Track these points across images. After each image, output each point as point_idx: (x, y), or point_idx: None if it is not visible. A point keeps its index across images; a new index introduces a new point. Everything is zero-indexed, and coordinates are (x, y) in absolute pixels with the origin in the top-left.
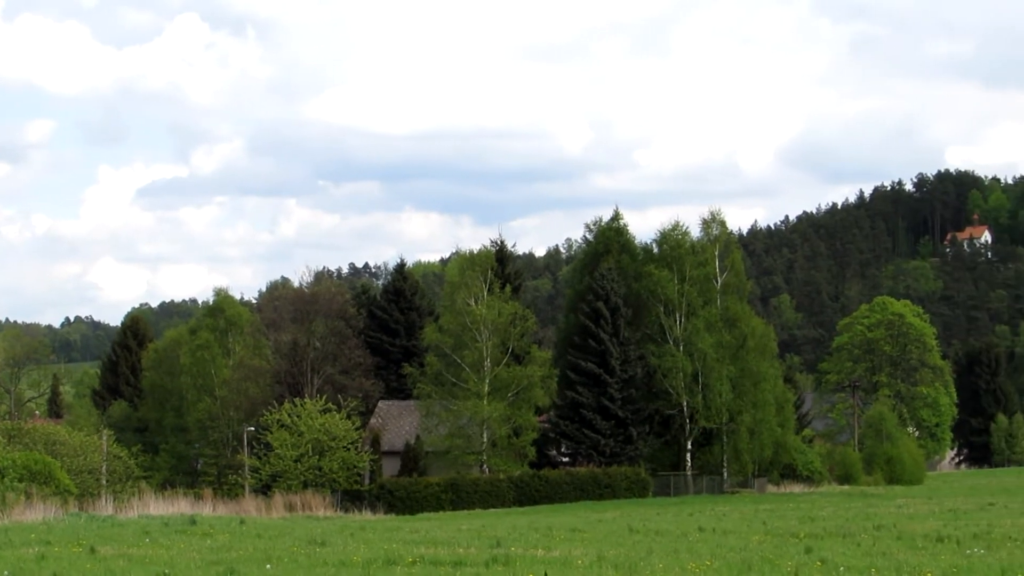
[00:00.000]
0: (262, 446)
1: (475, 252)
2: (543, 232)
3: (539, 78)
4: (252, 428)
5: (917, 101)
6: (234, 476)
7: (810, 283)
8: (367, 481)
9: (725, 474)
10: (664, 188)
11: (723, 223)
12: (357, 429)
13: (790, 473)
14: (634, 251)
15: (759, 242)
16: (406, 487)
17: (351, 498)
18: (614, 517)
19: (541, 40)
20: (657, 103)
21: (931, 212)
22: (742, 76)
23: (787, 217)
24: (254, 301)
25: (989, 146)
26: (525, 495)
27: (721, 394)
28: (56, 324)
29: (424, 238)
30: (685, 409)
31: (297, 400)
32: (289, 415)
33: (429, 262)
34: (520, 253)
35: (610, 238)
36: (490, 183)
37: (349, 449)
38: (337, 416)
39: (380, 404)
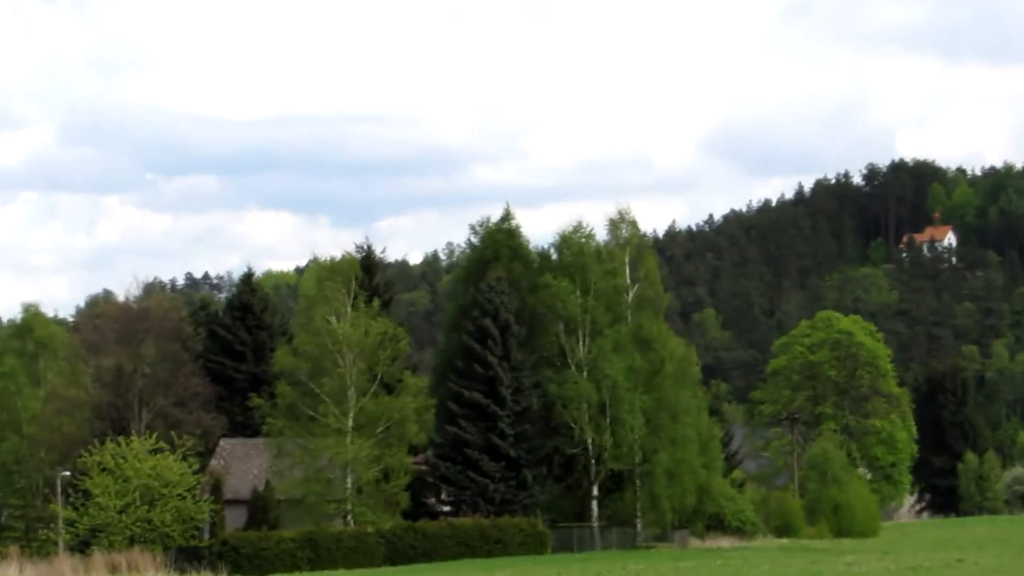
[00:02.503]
0: (80, 494)
1: (336, 259)
2: (418, 235)
3: (411, 53)
4: (68, 473)
5: (863, 79)
6: (45, 531)
7: (740, 295)
8: (207, 536)
9: (639, 525)
10: (562, 182)
11: (634, 223)
12: (195, 473)
13: (717, 524)
14: (528, 257)
15: (678, 246)
16: (254, 543)
17: (188, 556)
18: None
19: (413, 7)
20: (552, 82)
21: (884, 210)
22: (654, 50)
23: (711, 216)
24: (70, 319)
25: (951, 132)
26: (398, 551)
27: (633, 429)
28: None
29: (274, 243)
30: (590, 448)
31: (122, 439)
32: (113, 457)
33: (282, 271)
34: (391, 260)
35: (499, 242)
36: (353, 176)
37: (185, 497)
38: (171, 457)
39: (222, 443)
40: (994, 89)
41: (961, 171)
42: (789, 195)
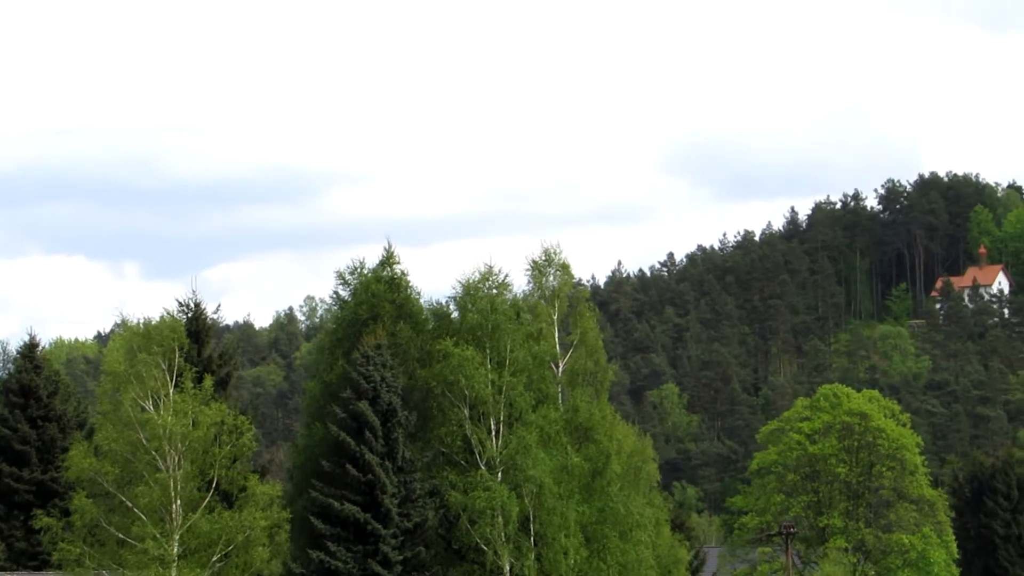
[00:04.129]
0: None
1: (152, 323)
2: (265, 287)
3: (246, 38)
4: None
5: (877, 62)
6: None
7: (711, 364)
8: None
9: None
10: (462, 212)
11: (566, 267)
12: None
13: None
14: (419, 317)
15: (626, 298)
16: None
17: None
18: None
19: None
20: (445, 76)
21: (909, 245)
22: (587, 29)
23: (671, 256)
24: None
25: (998, 135)
26: None
27: (568, 552)
28: None
29: (65, 300)
30: None
31: None
32: None
33: (77, 340)
34: (229, 323)
35: (378, 295)
36: (170, 206)
37: None
38: None
39: None
40: None
41: (1015, 188)
42: (778, 225)
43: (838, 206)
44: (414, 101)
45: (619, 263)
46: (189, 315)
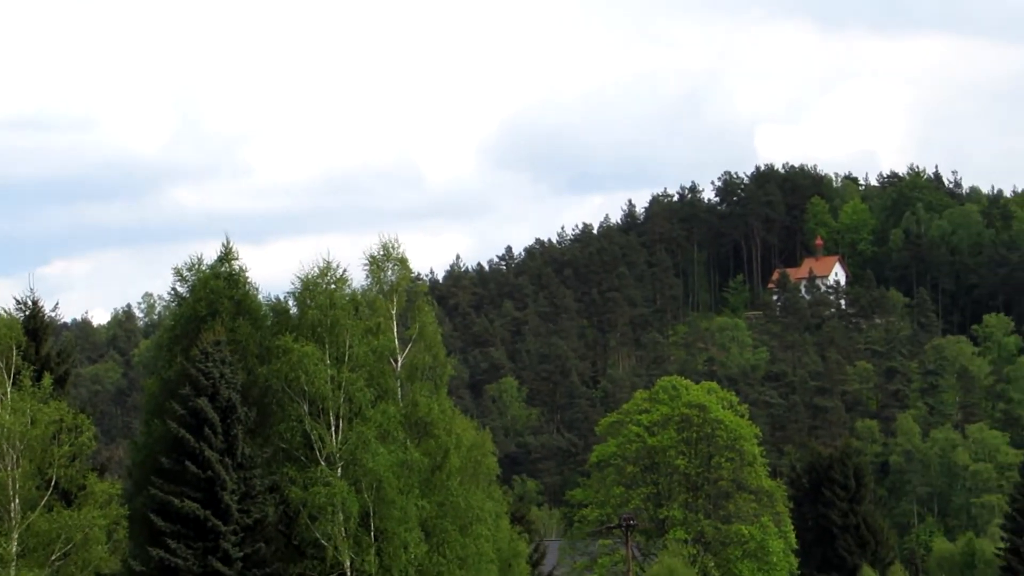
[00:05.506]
0: None
1: None
2: (102, 285)
3: (82, 33)
4: None
5: (712, 55)
6: None
7: (550, 358)
8: None
9: None
10: (299, 207)
11: (403, 262)
12: None
13: None
14: (258, 313)
15: (464, 292)
16: None
17: None
18: None
19: None
20: (278, 75)
21: (745, 236)
22: (419, 23)
23: (509, 250)
24: None
25: (833, 126)
26: None
27: (408, 546)
28: None
29: None
30: (349, 573)
31: None
32: None
33: None
34: (66, 321)
35: (217, 292)
36: (6, 203)
37: None
38: None
39: None
40: (890, 67)
41: (850, 180)
42: (616, 218)
43: (675, 199)
44: (252, 97)
45: (457, 257)
46: (26, 313)
